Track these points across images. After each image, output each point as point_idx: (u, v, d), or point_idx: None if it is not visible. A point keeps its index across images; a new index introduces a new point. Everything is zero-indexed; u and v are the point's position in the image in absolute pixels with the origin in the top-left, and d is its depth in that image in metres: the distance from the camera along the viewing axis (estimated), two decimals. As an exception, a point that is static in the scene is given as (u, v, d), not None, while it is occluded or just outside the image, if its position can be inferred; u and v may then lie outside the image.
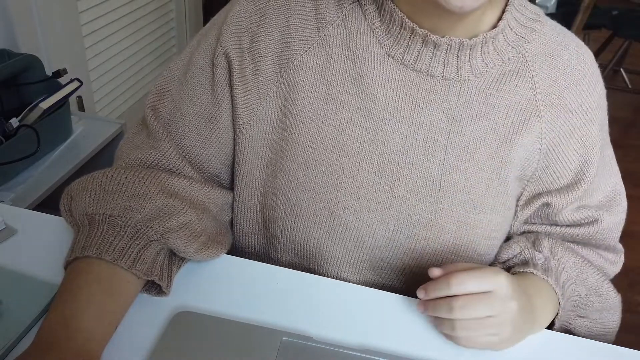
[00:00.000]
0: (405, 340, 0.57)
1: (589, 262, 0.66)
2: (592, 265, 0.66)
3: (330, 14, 0.61)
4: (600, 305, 0.65)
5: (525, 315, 0.56)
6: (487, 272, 0.54)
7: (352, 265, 0.66)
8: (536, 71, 0.60)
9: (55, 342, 0.47)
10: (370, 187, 0.61)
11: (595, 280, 0.65)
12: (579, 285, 0.64)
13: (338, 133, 0.61)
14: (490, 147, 0.61)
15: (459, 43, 0.56)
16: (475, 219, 0.62)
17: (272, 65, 0.62)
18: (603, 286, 0.65)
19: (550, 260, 0.63)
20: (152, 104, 0.66)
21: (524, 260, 0.64)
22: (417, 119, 0.60)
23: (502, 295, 0.53)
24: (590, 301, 0.64)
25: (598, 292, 0.65)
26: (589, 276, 0.65)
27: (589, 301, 0.64)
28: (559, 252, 0.64)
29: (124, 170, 0.59)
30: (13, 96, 1.24)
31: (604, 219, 0.67)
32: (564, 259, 0.64)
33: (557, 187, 0.64)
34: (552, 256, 0.63)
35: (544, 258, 0.63)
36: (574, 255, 0.65)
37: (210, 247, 0.61)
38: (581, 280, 0.64)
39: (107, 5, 1.72)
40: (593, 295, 0.65)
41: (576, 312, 0.64)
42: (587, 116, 0.62)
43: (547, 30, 0.61)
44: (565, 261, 0.64)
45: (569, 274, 0.63)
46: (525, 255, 0.64)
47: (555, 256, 0.64)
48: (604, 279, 0.66)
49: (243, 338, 0.54)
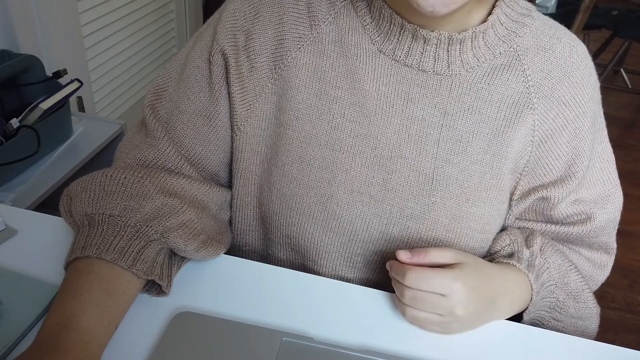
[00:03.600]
0: (405, 340, 0.57)
1: (576, 268, 0.66)
2: (577, 271, 0.66)
3: (322, 12, 0.62)
4: (576, 312, 0.65)
5: (477, 317, 0.58)
6: (446, 275, 0.55)
7: (347, 260, 0.66)
8: (528, 64, 0.61)
9: (55, 343, 0.47)
10: (364, 181, 0.62)
11: (577, 287, 0.65)
12: (558, 289, 0.64)
13: (331, 128, 0.61)
14: (482, 141, 0.61)
15: (449, 37, 0.57)
16: (468, 212, 0.62)
17: (266, 62, 0.62)
18: (583, 294, 0.65)
19: (536, 258, 0.63)
20: (150, 103, 0.66)
21: (510, 253, 0.64)
22: (409, 113, 0.61)
23: (453, 302, 0.55)
24: (567, 305, 0.65)
25: (577, 299, 0.65)
26: (571, 281, 0.65)
27: (565, 305, 0.64)
28: (547, 252, 0.64)
29: (123, 170, 0.59)
30: (13, 97, 1.24)
31: (597, 216, 0.67)
32: (551, 259, 0.64)
33: (550, 180, 0.64)
34: (540, 254, 0.64)
35: (529, 254, 0.63)
36: (561, 258, 0.66)
37: (210, 246, 0.61)
38: (562, 284, 0.64)
39: (107, 5, 1.72)
40: (571, 300, 0.65)
41: (551, 315, 0.65)
42: (580, 108, 0.62)
43: (539, 25, 0.62)
44: (551, 262, 0.64)
45: (551, 274, 0.64)
46: (513, 247, 0.64)
47: (543, 255, 0.64)
48: (586, 287, 0.66)
49: (243, 338, 0.54)
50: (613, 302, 1.71)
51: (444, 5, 0.50)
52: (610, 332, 1.61)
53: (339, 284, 0.63)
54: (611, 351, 0.60)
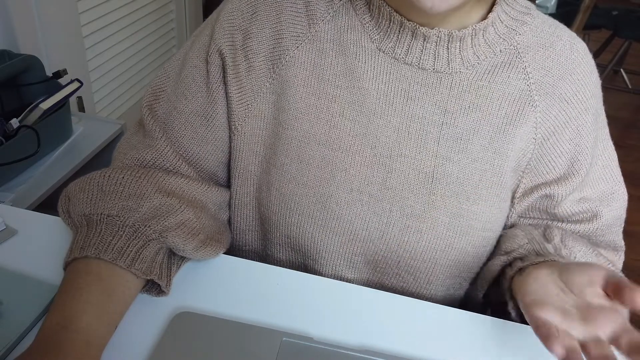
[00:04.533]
0: (405, 340, 0.57)
1: (599, 253, 0.65)
2: (601, 255, 0.65)
3: (321, 10, 0.61)
4: None
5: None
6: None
7: (347, 260, 0.66)
8: (529, 62, 0.61)
9: (55, 343, 0.47)
10: (363, 180, 0.62)
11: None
12: None
13: (330, 127, 0.61)
14: (483, 139, 0.61)
15: (448, 35, 0.57)
16: (468, 210, 0.62)
17: (264, 62, 0.62)
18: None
19: (561, 249, 0.62)
20: (148, 103, 0.66)
21: (536, 252, 0.62)
22: (409, 111, 0.60)
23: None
24: None
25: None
26: (601, 262, 0.64)
27: None
28: (570, 242, 0.63)
29: (121, 170, 0.59)
30: (13, 97, 1.25)
31: (603, 214, 0.67)
32: (576, 248, 0.63)
33: (553, 178, 0.64)
34: (562, 245, 0.63)
35: (554, 248, 0.62)
36: (585, 244, 0.64)
37: (209, 246, 0.61)
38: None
39: (107, 5, 1.72)
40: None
41: None
42: (582, 105, 0.62)
43: (539, 23, 0.62)
44: (577, 250, 0.63)
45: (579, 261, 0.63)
46: (534, 245, 0.62)
47: (566, 246, 0.63)
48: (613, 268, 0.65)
49: (243, 338, 0.54)
50: (613, 302, 1.71)
51: (443, 2, 0.50)
52: (610, 332, 1.61)
53: (339, 284, 0.63)
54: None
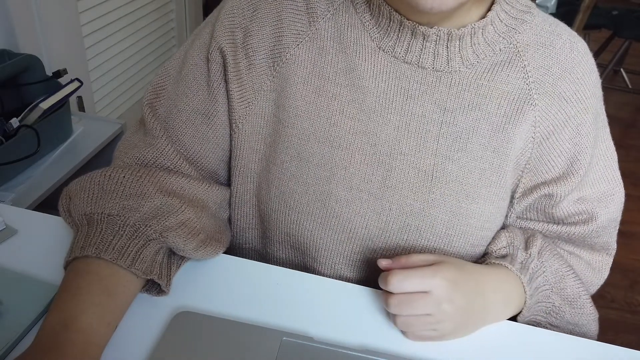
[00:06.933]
0: (405, 340, 0.57)
1: (574, 274, 0.66)
2: (576, 277, 0.65)
3: (321, 8, 0.62)
4: (572, 318, 0.65)
5: (469, 313, 0.57)
6: (426, 272, 0.55)
7: (346, 258, 0.66)
8: (528, 60, 0.61)
9: (55, 343, 0.47)
10: (363, 178, 0.62)
11: (574, 292, 0.65)
12: (554, 293, 0.64)
13: (330, 125, 0.61)
14: (483, 137, 0.61)
15: (447, 33, 0.57)
16: (467, 209, 0.62)
17: (265, 60, 0.62)
18: (580, 300, 0.65)
19: (533, 261, 0.63)
20: (149, 102, 0.66)
21: (505, 254, 0.64)
22: (408, 110, 0.60)
23: (437, 297, 0.55)
24: (562, 311, 0.64)
25: (573, 305, 0.65)
26: (568, 287, 0.64)
27: (561, 310, 0.64)
28: (545, 255, 0.64)
29: (121, 170, 0.59)
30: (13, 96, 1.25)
31: (600, 215, 0.67)
32: (548, 263, 0.64)
33: (553, 177, 0.64)
34: (537, 256, 0.63)
35: (525, 256, 0.63)
36: (559, 262, 0.65)
37: (209, 245, 0.61)
38: (558, 289, 0.64)
39: (107, 5, 1.72)
40: (567, 305, 0.64)
41: (547, 320, 0.65)
42: (582, 104, 0.62)
43: (539, 21, 0.62)
44: (548, 266, 0.64)
45: (547, 278, 0.63)
46: (508, 250, 0.64)
47: (540, 258, 0.64)
48: (584, 293, 0.65)
49: (243, 338, 0.54)
50: (613, 302, 1.71)
51: (442, 3, 0.50)
52: (610, 332, 1.61)
53: (339, 283, 0.63)
54: (611, 351, 0.60)
